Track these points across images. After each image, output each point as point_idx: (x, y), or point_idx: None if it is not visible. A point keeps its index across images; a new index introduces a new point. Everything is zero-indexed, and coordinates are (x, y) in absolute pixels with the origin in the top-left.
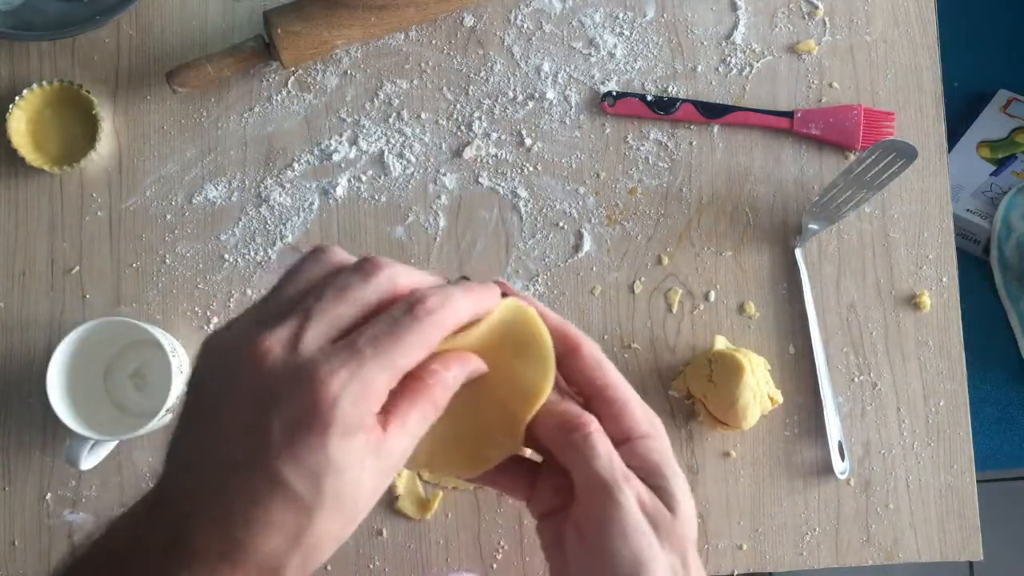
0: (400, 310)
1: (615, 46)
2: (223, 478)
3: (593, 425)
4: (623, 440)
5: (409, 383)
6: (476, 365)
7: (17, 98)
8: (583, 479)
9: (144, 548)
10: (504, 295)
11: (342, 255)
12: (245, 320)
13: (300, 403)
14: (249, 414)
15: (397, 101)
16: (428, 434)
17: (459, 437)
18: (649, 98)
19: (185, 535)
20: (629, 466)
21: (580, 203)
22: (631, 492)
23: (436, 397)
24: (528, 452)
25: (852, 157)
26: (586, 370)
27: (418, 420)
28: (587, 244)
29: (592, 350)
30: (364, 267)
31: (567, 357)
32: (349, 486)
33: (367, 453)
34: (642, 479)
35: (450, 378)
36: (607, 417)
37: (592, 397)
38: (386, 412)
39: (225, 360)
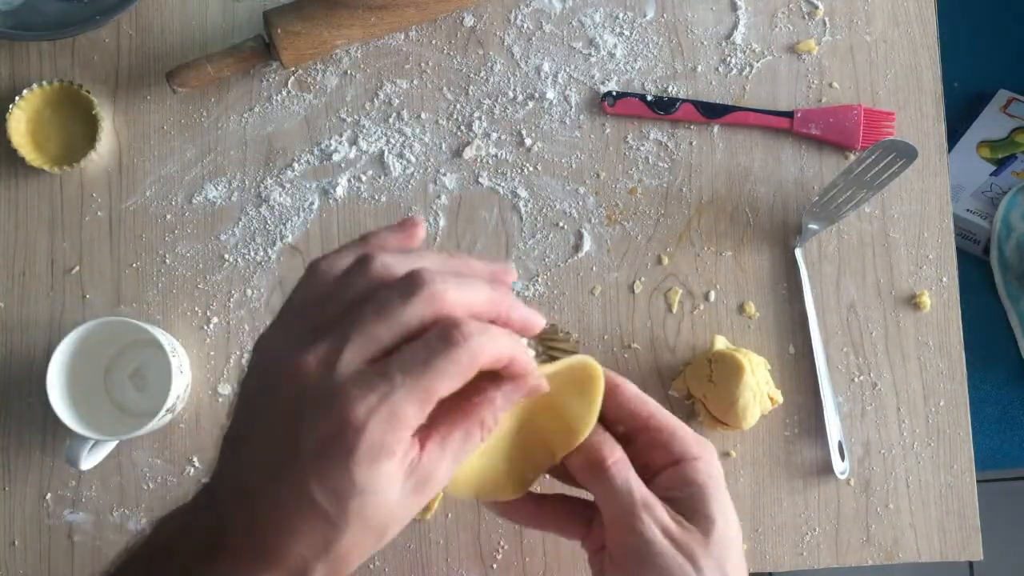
0: (435, 337)
1: (615, 46)
2: (260, 484)
3: (613, 457)
4: (675, 463)
5: (457, 401)
6: (532, 384)
7: (17, 98)
8: (607, 511)
9: (188, 540)
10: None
11: (387, 265)
12: (290, 322)
13: (329, 424)
14: (284, 427)
15: (397, 101)
16: (471, 460)
17: (496, 464)
18: (649, 98)
19: (224, 532)
20: (672, 488)
21: (580, 203)
22: (652, 521)
23: (483, 418)
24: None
25: (852, 157)
26: (628, 404)
27: (460, 441)
28: (587, 244)
29: (631, 388)
30: (407, 285)
31: (608, 396)
32: (374, 508)
33: (396, 477)
34: (681, 501)
35: (499, 398)
36: (658, 445)
37: (640, 430)
38: (427, 430)
39: (269, 370)
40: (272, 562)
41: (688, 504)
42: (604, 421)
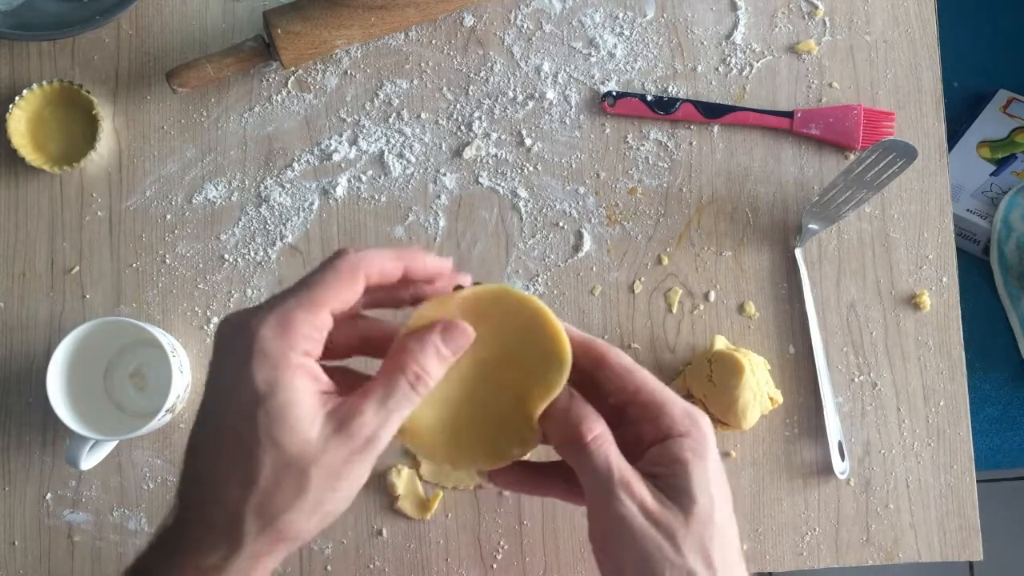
0: (323, 261)
1: (615, 46)
2: (193, 442)
3: (592, 433)
4: (657, 438)
5: (384, 363)
6: (460, 336)
7: (17, 98)
8: (587, 488)
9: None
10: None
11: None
12: None
13: (238, 348)
14: (213, 377)
15: (397, 101)
16: (444, 426)
17: (476, 430)
18: (649, 98)
19: (173, 509)
20: (657, 464)
21: (580, 203)
22: (629, 498)
23: (405, 365)
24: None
25: (852, 157)
26: (616, 378)
27: (384, 389)
28: (587, 244)
29: (619, 358)
30: (332, 255)
31: (597, 370)
32: (284, 429)
33: (304, 399)
34: (665, 478)
35: (416, 345)
36: (646, 420)
37: (628, 403)
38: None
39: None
40: (203, 518)
41: (671, 482)
42: (594, 392)
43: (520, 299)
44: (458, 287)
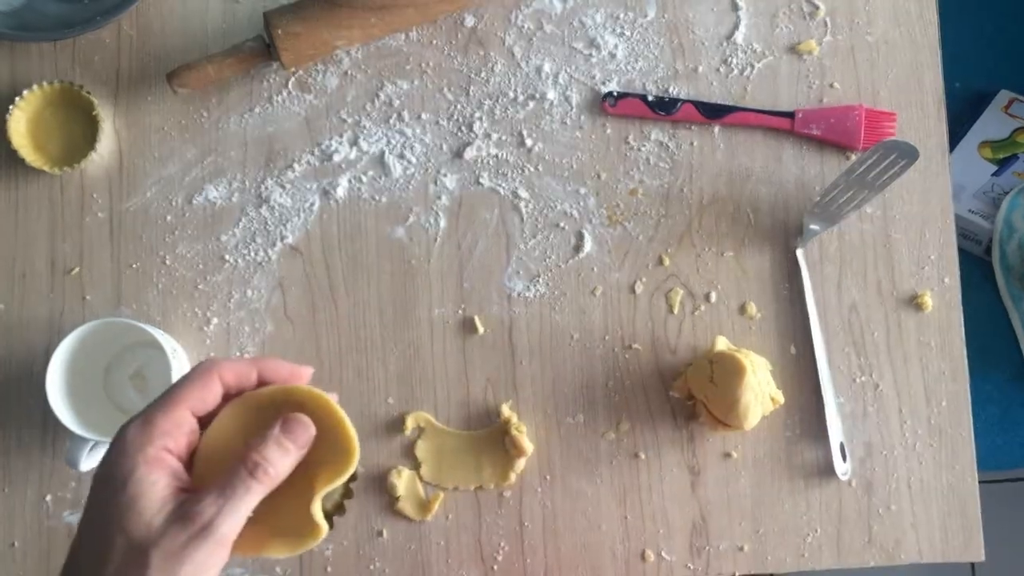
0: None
1: (616, 46)
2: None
3: None
4: None
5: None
6: (298, 426)
7: (17, 99)
8: None
9: None
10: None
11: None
12: None
13: (113, 445)
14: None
15: (398, 102)
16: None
17: (271, 520)
18: (650, 98)
19: None
20: None
21: (581, 204)
22: None
23: (248, 459)
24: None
25: (853, 157)
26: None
27: (223, 480)
28: (588, 245)
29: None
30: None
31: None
32: (131, 509)
33: (151, 484)
34: None
35: (257, 444)
36: None
37: None
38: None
39: None
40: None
41: None
42: None
43: (310, 394)
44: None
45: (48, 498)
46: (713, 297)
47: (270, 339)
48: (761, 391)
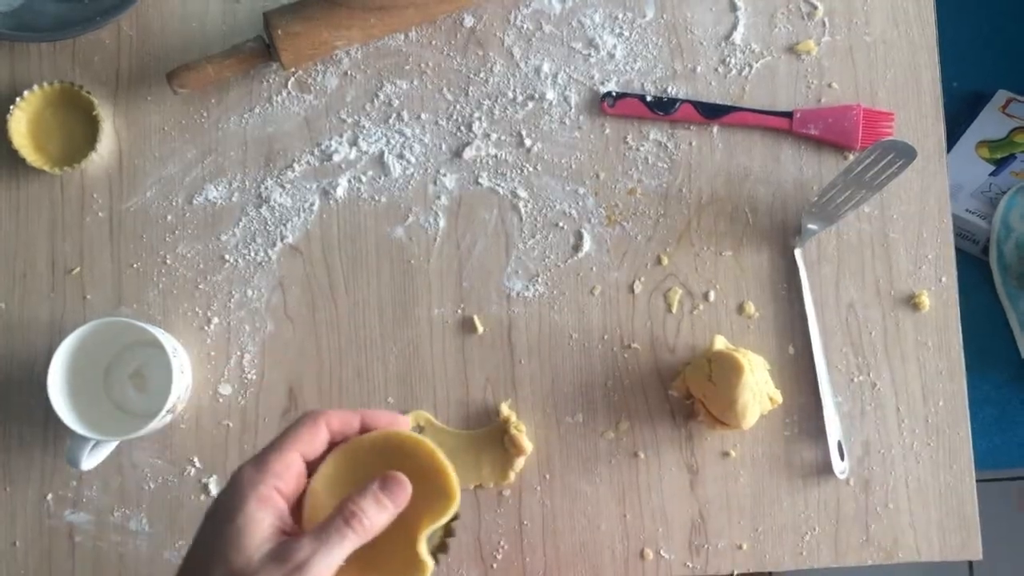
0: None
1: (615, 47)
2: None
3: None
4: None
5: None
6: (396, 484)
7: (18, 99)
8: None
9: None
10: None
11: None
12: None
13: (229, 482)
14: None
15: (397, 102)
16: (347, 562)
17: (375, 562)
18: (648, 98)
19: None
20: None
21: (580, 203)
22: None
23: (348, 511)
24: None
25: (851, 157)
26: None
27: (327, 530)
28: (587, 244)
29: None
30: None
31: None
32: (232, 545)
33: (259, 527)
34: None
35: (358, 495)
36: None
37: None
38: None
39: None
40: None
41: None
42: None
43: (411, 439)
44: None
45: (49, 497)
46: (711, 296)
47: (270, 339)
48: (759, 390)
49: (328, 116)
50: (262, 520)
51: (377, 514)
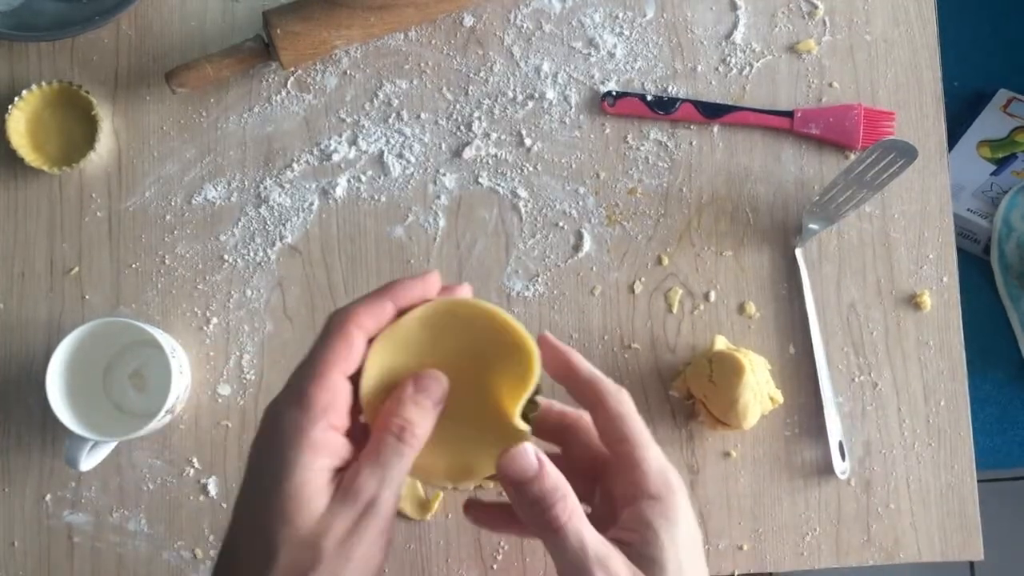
0: (320, 333)
1: (615, 46)
2: (233, 518)
3: (565, 515)
4: (631, 496)
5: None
6: (430, 382)
7: (16, 99)
8: (560, 566)
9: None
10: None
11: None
12: None
13: (266, 429)
14: (250, 453)
15: (397, 101)
16: (433, 448)
17: (466, 442)
18: (649, 98)
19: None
20: (628, 528)
21: (580, 203)
22: (616, 571)
23: (391, 424)
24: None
25: (852, 157)
26: (606, 423)
27: (378, 450)
28: (587, 244)
29: (618, 405)
30: (323, 327)
31: (593, 409)
32: (296, 503)
33: (314, 468)
34: (633, 545)
35: (396, 403)
36: (620, 472)
37: (609, 447)
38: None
39: None
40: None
41: (641, 549)
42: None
43: (469, 305)
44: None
45: (48, 497)
46: (712, 296)
47: (269, 339)
48: (760, 390)
49: (327, 116)
50: (320, 468)
51: (423, 419)
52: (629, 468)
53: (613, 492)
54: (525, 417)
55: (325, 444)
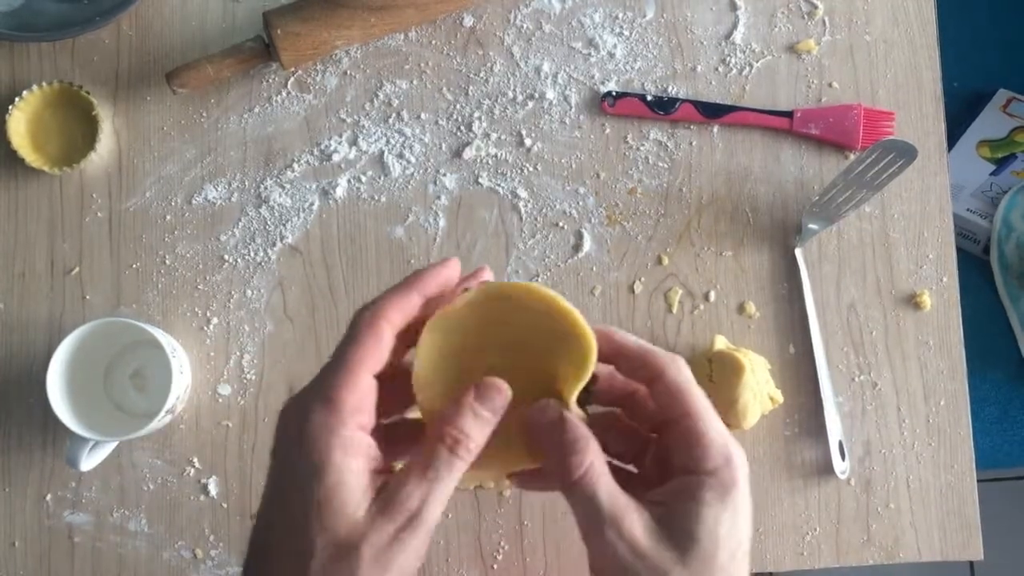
0: (346, 332)
1: (615, 46)
2: (263, 517)
3: (580, 469)
4: (688, 469)
5: (428, 428)
6: (494, 394)
7: (17, 99)
8: (578, 519)
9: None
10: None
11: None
12: None
13: (292, 432)
14: (275, 455)
15: (397, 101)
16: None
17: (520, 431)
18: (649, 98)
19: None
20: (673, 498)
21: (580, 203)
22: (618, 536)
23: (443, 435)
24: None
25: (852, 157)
26: (666, 397)
27: (424, 461)
28: (587, 244)
29: (677, 375)
30: (350, 325)
31: (650, 383)
32: (332, 508)
33: (351, 474)
34: (675, 512)
35: (449, 415)
36: (681, 446)
37: (669, 423)
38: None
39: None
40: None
41: (677, 520)
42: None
43: (526, 290)
44: (465, 289)
45: (48, 497)
46: (712, 296)
47: (270, 339)
48: (760, 390)
49: (328, 116)
50: (355, 470)
51: (480, 432)
52: (690, 442)
53: (671, 460)
54: (580, 404)
55: (357, 444)
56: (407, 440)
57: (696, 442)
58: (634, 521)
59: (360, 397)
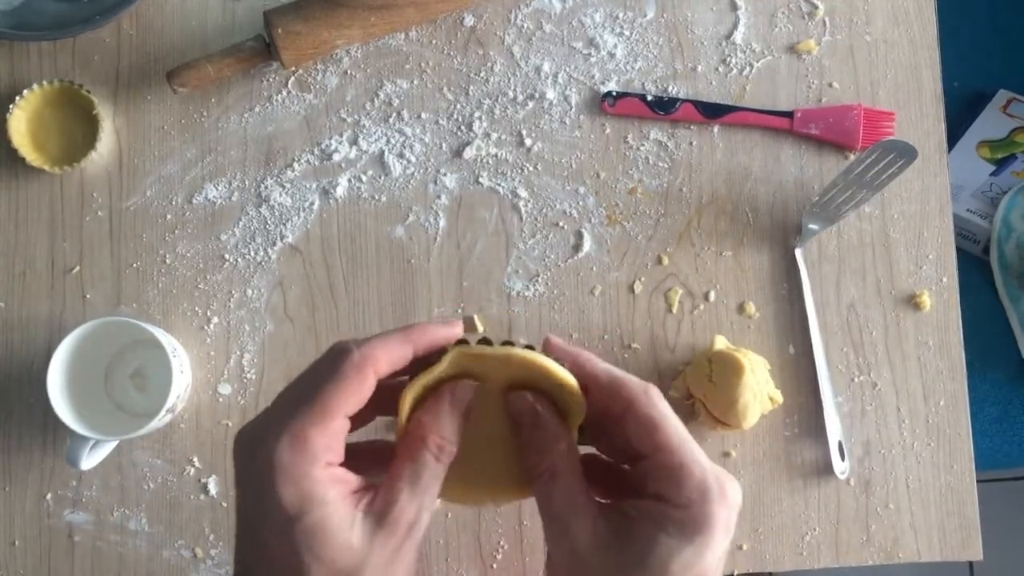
0: (323, 360)
1: (615, 46)
2: (243, 563)
3: (547, 462)
4: (662, 496)
5: (399, 442)
6: (465, 390)
7: (17, 98)
8: (540, 513)
9: None
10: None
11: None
12: None
13: (260, 467)
14: (241, 492)
15: (397, 101)
16: (464, 474)
17: (498, 468)
18: (649, 98)
19: None
20: (637, 512)
21: (580, 203)
22: (561, 535)
23: (423, 438)
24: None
25: (852, 157)
26: (636, 429)
27: (411, 468)
28: (587, 244)
29: (648, 409)
30: (329, 356)
31: (621, 416)
32: (326, 545)
33: (339, 509)
34: (634, 527)
35: (426, 416)
36: (655, 474)
37: (645, 455)
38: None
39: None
40: None
41: (631, 537)
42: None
43: (505, 355)
44: (461, 341)
45: (48, 497)
46: (712, 296)
47: (270, 338)
48: (760, 390)
49: (328, 115)
50: (334, 499)
51: (455, 432)
52: (663, 474)
53: (645, 485)
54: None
55: (331, 477)
56: (369, 454)
57: (669, 475)
58: (582, 526)
59: (331, 438)
